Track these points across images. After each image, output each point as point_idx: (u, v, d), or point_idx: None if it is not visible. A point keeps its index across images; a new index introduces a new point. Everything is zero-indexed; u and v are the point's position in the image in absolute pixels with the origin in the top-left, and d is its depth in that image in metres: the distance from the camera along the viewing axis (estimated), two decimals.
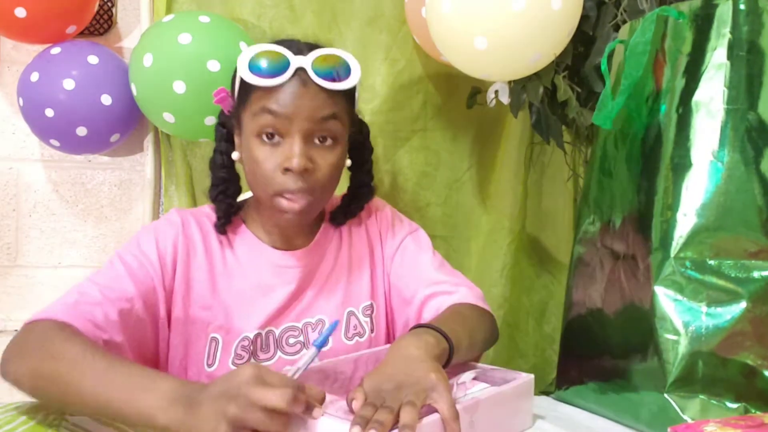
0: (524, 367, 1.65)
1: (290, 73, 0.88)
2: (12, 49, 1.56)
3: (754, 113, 0.84)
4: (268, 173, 0.90)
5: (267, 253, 1.01)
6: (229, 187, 1.00)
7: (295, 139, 0.89)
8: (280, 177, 0.89)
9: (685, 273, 0.84)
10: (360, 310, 1.04)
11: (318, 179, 0.91)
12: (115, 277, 0.91)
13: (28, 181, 1.59)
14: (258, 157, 0.90)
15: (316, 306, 1.02)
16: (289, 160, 0.88)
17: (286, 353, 0.99)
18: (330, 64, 0.90)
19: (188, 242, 0.97)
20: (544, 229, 1.66)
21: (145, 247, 0.94)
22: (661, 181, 0.88)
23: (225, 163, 0.99)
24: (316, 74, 0.88)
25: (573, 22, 1.18)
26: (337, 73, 0.90)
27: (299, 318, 1.01)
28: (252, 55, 0.89)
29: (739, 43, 0.85)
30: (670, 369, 0.83)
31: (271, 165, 0.90)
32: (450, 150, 1.62)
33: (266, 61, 0.88)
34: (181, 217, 0.99)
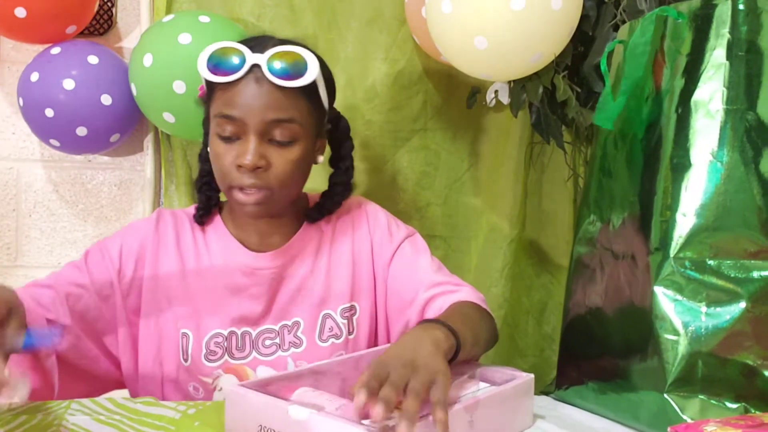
0: (524, 367, 1.65)
1: (245, 70, 0.89)
2: (12, 49, 1.56)
3: (754, 113, 0.84)
4: (225, 168, 0.92)
5: (239, 253, 1.01)
6: (212, 179, 1.01)
7: (249, 138, 0.90)
8: (235, 172, 0.91)
9: (684, 273, 0.84)
10: (338, 312, 1.04)
11: (273, 176, 0.92)
12: (73, 267, 0.98)
13: (28, 181, 1.59)
14: (217, 153, 0.93)
15: (292, 308, 1.02)
16: (242, 158, 0.90)
17: (262, 354, 1.00)
18: (285, 61, 0.89)
19: (159, 238, 1.00)
20: (544, 229, 1.66)
21: (110, 244, 0.99)
22: (660, 181, 0.88)
23: (208, 156, 1.00)
24: (270, 72, 0.89)
25: (573, 22, 1.18)
26: (292, 69, 0.89)
27: (276, 320, 1.01)
28: (210, 52, 0.91)
29: (738, 43, 0.85)
30: (670, 369, 0.83)
31: (227, 161, 0.92)
32: (450, 150, 1.62)
33: (221, 58, 0.90)
34: (158, 216, 1.03)
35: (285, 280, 1.02)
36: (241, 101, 0.90)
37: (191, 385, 0.99)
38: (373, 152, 1.58)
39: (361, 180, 1.58)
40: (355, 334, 1.05)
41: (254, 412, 0.75)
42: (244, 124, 0.90)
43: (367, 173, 1.59)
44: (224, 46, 0.91)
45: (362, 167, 1.58)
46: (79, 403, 0.85)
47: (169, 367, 0.99)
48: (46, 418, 0.80)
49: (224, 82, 0.90)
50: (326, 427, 0.69)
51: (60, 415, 0.81)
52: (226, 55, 0.90)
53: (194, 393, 0.99)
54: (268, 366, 1.00)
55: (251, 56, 0.89)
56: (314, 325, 1.02)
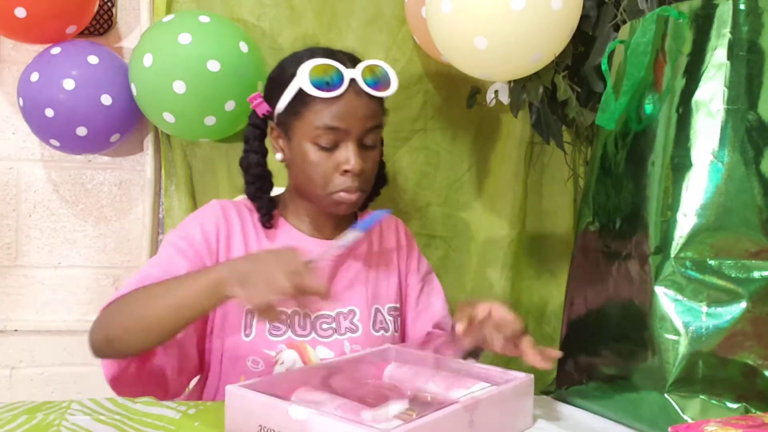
0: (524, 367, 1.65)
1: (345, 85, 0.98)
2: (12, 49, 1.56)
3: (754, 113, 0.84)
4: (326, 174, 1.01)
5: (301, 239, 1.09)
6: (264, 183, 1.09)
7: (350, 145, 1.00)
8: (339, 178, 1.01)
9: (685, 273, 0.84)
10: (385, 309, 1.12)
11: (366, 177, 1.03)
12: (167, 258, 1.01)
13: (28, 181, 1.59)
14: (315, 161, 1.01)
15: (347, 296, 1.09)
16: (348, 164, 0.99)
17: (320, 336, 1.05)
18: (376, 74, 1.01)
19: (228, 225, 1.06)
20: (544, 229, 1.66)
21: (191, 231, 1.03)
22: (661, 181, 0.88)
23: (259, 160, 1.08)
24: (366, 84, 0.99)
25: (573, 22, 1.18)
26: (382, 81, 1.01)
27: (332, 306, 1.07)
28: (310, 69, 0.98)
29: (739, 43, 0.85)
30: (671, 369, 0.83)
31: (328, 167, 1.00)
32: (450, 150, 1.62)
33: (325, 76, 0.98)
34: (221, 204, 1.08)
35: (341, 269, 1.10)
36: (345, 113, 0.99)
37: (250, 359, 1.02)
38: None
39: None
40: (399, 333, 1.14)
41: (254, 412, 0.75)
42: (346, 134, 0.99)
43: None
44: (323, 63, 0.98)
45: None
46: (80, 403, 0.85)
47: (229, 342, 1.02)
48: (46, 418, 0.80)
49: (326, 98, 0.98)
50: (326, 427, 0.69)
51: (60, 414, 0.81)
52: (328, 72, 0.98)
53: (252, 367, 1.02)
54: (326, 347, 1.04)
55: (347, 71, 0.99)
56: (369, 316, 1.09)
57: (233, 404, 0.78)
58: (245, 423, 0.76)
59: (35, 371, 1.60)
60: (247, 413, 0.76)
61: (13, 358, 1.59)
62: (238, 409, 0.77)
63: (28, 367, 1.60)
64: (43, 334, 1.59)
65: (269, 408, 0.74)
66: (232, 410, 0.78)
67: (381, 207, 1.25)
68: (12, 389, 1.59)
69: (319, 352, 1.03)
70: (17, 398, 0.90)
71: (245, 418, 0.76)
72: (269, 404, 0.74)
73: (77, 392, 1.61)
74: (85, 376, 1.62)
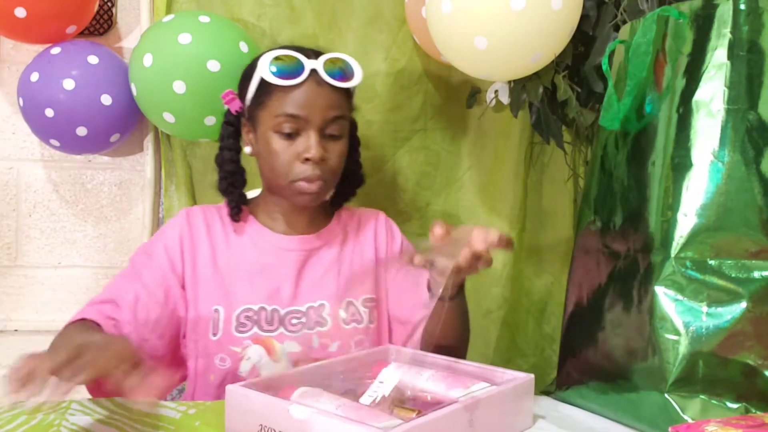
0: (524, 367, 1.65)
1: (306, 74, 1.01)
2: (12, 49, 1.56)
3: (755, 113, 0.84)
4: (287, 163, 1.02)
5: (269, 236, 1.10)
6: (237, 179, 1.11)
7: (311, 134, 1.01)
8: (300, 166, 1.02)
9: (685, 273, 0.84)
10: (359, 301, 1.11)
11: (329, 167, 1.04)
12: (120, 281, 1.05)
13: (28, 181, 1.59)
14: (277, 150, 1.03)
15: (317, 291, 1.09)
16: (308, 151, 1.01)
17: (289, 330, 1.05)
18: (338, 65, 1.04)
19: (192, 232, 1.08)
20: (544, 229, 1.66)
21: (154, 251, 1.07)
22: (661, 181, 0.88)
23: (233, 157, 1.10)
24: (327, 75, 1.01)
25: (573, 22, 1.18)
26: (344, 73, 1.04)
27: (303, 301, 1.08)
28: (271, 59, 1.01)
29: (739, 43, 0.85)
30: (671, 369, 0.83)
31: (289, 156, 1.02)
32: (450, 150, 1.62)
33: (284, 64, 1.01)
34: (187, 213, 1.11)
35: (312, 264, 1.10)
36: (304, 101, 1.01)
37: (218, 357, 1.04)
38: (373, 152, 1.58)
39: None
40: (376, 325, 1.13)
41: (255, 412, 0.75)
42: (306, 122, 1.01)
43: (367, 173, 1.58)
44: (283, 54, 1.02)
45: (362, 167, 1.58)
46: (80, 403, 0.85)
47: (200, 344, 1.05)
48: (46, 418, 0.80)
49: (286, 86, 1.01)
50: (327, 426, 0.69)
51: (60, 414, 0.81)
52: (288, 61, 1.01)
53: (220, 364, 1.04)
54: (294, 341, 1.05)
55: (308, 62, 1.01)
56: (338, 309, 1.09)
57: (233, 404, 0.78)
58: (246, 423, 0.76)
59: None
60: (247, 413, 0.76)
61: (14, 358, 1.58)
62: (239, 409, 0.77)
63: None
64: (43, 334, 1.59)
65: (270, 407, 0.74)
66: (232, 410, 0.78)
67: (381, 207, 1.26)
68: None
69: (286, 347, 1.04)
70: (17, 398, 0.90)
71: (246, 417, 0.76)
72: (270, 404, 0.74)
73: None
74: None
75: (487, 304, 1.61)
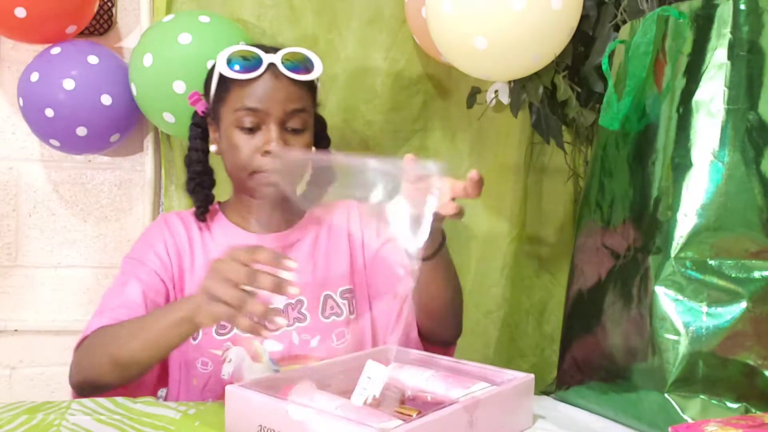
0: (524, 367, 1.65)
1: (263, 68, 1.01)
2: (12, 49, 1.56)
3: (755, 113, 0.84)
4: (248, 157, 1.02)
5: (242, 236, 1.11)
6: (204, 179, 1.12)
7: (270, 127, 1.02)
8: (259, 159, 1.02)
9: (685, 273, 0.84)
10: (338, 294, 1.11)
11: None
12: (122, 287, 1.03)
13: (28, 181, 1.59)
14: (238, 144, 1.03)
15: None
16: (268, 144, 1.01)
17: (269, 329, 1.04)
18: (296, 59, 1.04)
19: (174, 236, 1.09)
20: (544, 229, 1.66)
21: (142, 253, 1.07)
22: (661, 181, 0.88)
23: (200, 158, 1.12)
24: (285, 68, 1.02)
25: (573, 22, 1.18)
26: (303, 66, 1.04)
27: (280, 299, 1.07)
28: (229, 54, 1.02)
29: (739, 43, 0.85)
30: (671, 369, 0.83)
31: (250, 149, 1.02)
32: (450, 150, 1.62)
33: (242, 59, 1.02)
34: (165, 219, 1.12)
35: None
36: (263, 94, 1.01)
37: (200, 360, 1.04)
38: (373, 152, 1.58)
39: None
40: (356, 314, 1.13)
41: (254, 412, 0.75)
42: (266, 115, 1.02)
43: None
44: (240, 49, 1.03)
45: None
46: (80, 402, 0.85)
47: (182, 349, 1.03)
48: (47, 418, 0.80)
49: (243, 80, 1.01)
50: (325, 426, 0.69)
51: (60, 414, 0.81)
52: (245, 56, 1.02)
53: (202, 368, 1.04)
54: (274, 339, 1.05)
55: (266, 56, 1.02)
56: (317, 304, 1.09)
57: (233, 405, 0.78)
58: (245, 423, 0.76)
59: (35, 371, 1.60)
60: (246, 413, 0.76)
61: (13, 358, 1.59)
62: (238, 410, 0.77)
63: (28, 367, 1.60)
64: (43, 334, 1.59)
65: (268, 408, 0.74)
66: (231, 411, 0.78)
67: None
68: (12, 389, 1.59)
69: (266, 346, 1.05)
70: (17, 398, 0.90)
71: (245, 418, 0.76)
72: (269, 404, 0.74)
73: None
74: None
75: (487, 304, 1.61)
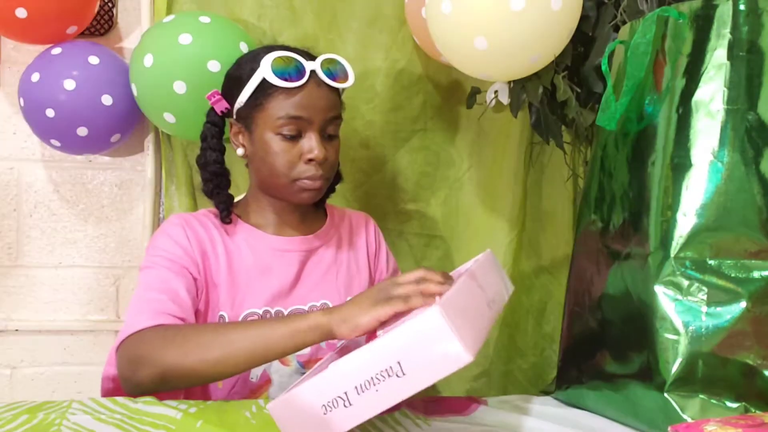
0: (524, 366, 1.65)
1: (307, 76, 1.01)
2: (12, 50, 1.56)
3: (754, 113, 0.84)
4: (289, 163, 1.03)
5: (265, 238, 1.10)
6: (222, 180, 1.10)
7: (312, 135, 1.03)
8: (303, 166, 1.03)
9: (685, 273, 0.84)
10: None
11: (330, 165, 1.06)
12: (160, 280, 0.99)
13: (29, 181, 1.59)
14: (277, 151, 1.03)
15: (319, 290, 1.10)
16: (312, 152, 1.02)
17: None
18: (335, 66, 1.05)
19: (195, 235, 1.05)
20: (544, 229, 1.66)
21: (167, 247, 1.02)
22: (661, 181, 0.88)
23: (218, 158, 1.10)
24: (326, 75, 1.03)
25: (573, 23, 1.18)
26: (340, 73, 1.05)
27: (304, 300, 1.09)
28: (272, 60, 1.00)
29: (739, 43, 0.85)
30: (670, 369, 0.83)
31: (292, 156, 1.03)
32: (450, 150, 1.62)
33: (287, 66, 1.01)
34: (182, 218, 1.08)
35: (312, 264, 1.12)
36: (308, 103, 1.02)
37: None
38: (373, 152, 1.58)
39: (362, 180, 1.58)
40: None
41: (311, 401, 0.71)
42: (308, 123, 1.02)
43: (367, 173, 1.59)
44: (285, 55, 1.02)
45: (362, 167, 1.58)
46: (81, 402, 0.86)
47: None
48: (47, 417, 0.80)
49: (289, 87, 1.00)
50: None
51: (61, 414, 0.81)
52: (290, 63, 1.01)
53: None
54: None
55: (307, 63, 1.02)
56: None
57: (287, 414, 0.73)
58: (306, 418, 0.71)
59: (36, 371, 1.61)
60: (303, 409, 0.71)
61: (14, 357, 1.59)
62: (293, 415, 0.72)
63: (28, 366, 1.60)
64: (44, 333, 1.59)
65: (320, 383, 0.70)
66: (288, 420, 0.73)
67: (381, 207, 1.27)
68: (13, 389, 1.59)
69: None
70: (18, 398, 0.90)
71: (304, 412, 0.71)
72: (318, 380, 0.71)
73: (78, 392, 1.61)
74: (86, 375, 1.62)
75: None
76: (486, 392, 1.59)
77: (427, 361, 0.66)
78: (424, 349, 0.66)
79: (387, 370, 0.67)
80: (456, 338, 0.65)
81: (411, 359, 0.66)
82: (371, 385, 0.67)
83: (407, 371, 0.66)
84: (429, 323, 0.66)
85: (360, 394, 0.68)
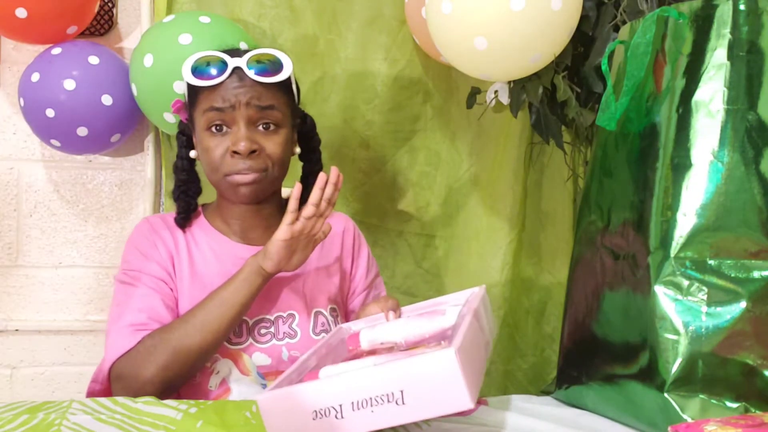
0: (524, 366, 1.65)
1: (228, 72, 1.00)
2: (13, 50, 1.56)
3: (754, 113, 0.84)
4: (218, 158, 1.01)
5: (228, 245, 1.09)
6: (189, 187, 1.11)
7: (239, 127, 1.00)
8: (230, 159, 1.00)
9: (685, 273, 0.84)
10: (327, 311, 1.10)
11: (265, 158, 1.02)
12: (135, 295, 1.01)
13: (29, 181, 1.59)
14: (209, 146, 1.02)
15: (285, 300, 1.07)
16: (236, 144, 0.99)
17: (258, 341, 1.04)
18: (263, 61, 1.02)
19: (162, 238, 1.07)
20: (544, 229, 1.66)
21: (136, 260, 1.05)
22: (661, 181, 0.88)
23: (185, 166, 1.11)
24: (250, 70, 1.00)
25: (573, 23, 1.18)
26: (269, 68, 1.02)
27: (270, 311, 1.06)
28: (193, 62, 1.01)
29: (739, 43, 0.85)
30: (670, 369, 0.83)
31: (221, 150, 1.01)
32: (450, 150, 1.62)
33: (206, 65, 1.01)
34: (149, 222, 1.10)
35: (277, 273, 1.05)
36: (228, 95, 1.00)
37: None
38: (373, 152, 1.58)
39: (361, 180, 1.58)
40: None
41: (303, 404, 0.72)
42: (233, 115, 1.00)
43: (367, 173, 1.59)
44: (205, 55, 1.01)
45: (362, 167, 1.58)
46: (81, 402, 0.85)
47: None
48: (47, 417, 0.80)
49: (210, 86, 1.00)
50: None
51: (61, 414, 0.81)
52: (210, 62, 1.01)
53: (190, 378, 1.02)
54: (263, 353, 1.03)
55: (231, 60, 1.00)
56: (308, 320, 1.07)
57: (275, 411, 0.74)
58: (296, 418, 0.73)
59: (36, 371, 1.60)
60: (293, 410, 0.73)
61: (14, 357, 1.59)
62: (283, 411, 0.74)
63: (28, 366, 1.60)
64: (44, 333, 1.59)
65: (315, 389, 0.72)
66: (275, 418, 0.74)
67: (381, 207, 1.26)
68: (13, 389, 1.59)
69: (255, 359, 1.02)
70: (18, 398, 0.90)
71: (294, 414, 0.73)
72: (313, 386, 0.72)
73: (78, 392, 1.61)
74: (86, 375, 1.60)
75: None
76: (486, 392, 1.59)
77: (428, 398, 0.67)
78: (430, 386, 0.67)
79: (388, 395, 0.68)
80: (464, 385, 0.66)
81: (414, 392, 0.67)
82: (368, 405, 0.68)
83: (407, 401, 0.67)
84: (442, 364, 0.66)
85: (354, 411, 0.69)
